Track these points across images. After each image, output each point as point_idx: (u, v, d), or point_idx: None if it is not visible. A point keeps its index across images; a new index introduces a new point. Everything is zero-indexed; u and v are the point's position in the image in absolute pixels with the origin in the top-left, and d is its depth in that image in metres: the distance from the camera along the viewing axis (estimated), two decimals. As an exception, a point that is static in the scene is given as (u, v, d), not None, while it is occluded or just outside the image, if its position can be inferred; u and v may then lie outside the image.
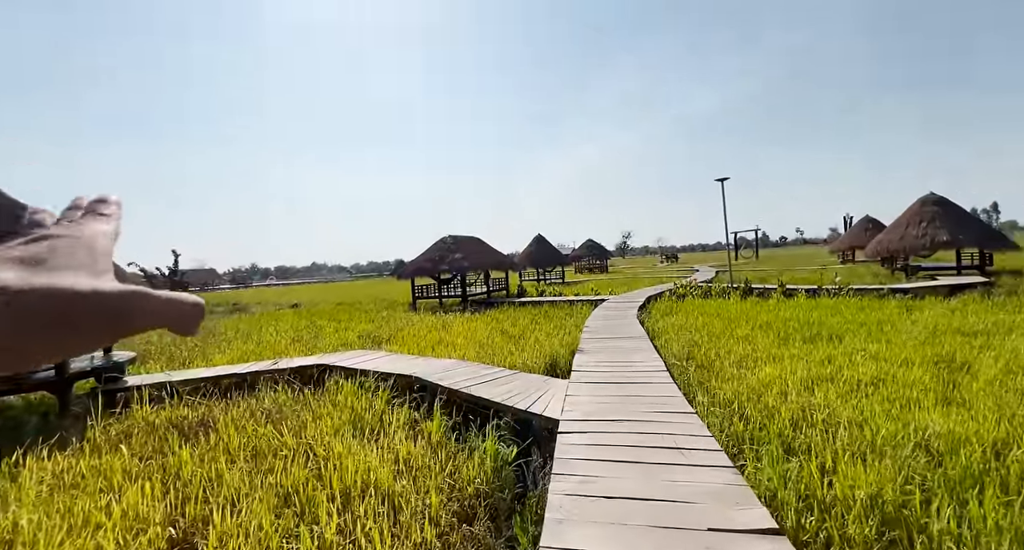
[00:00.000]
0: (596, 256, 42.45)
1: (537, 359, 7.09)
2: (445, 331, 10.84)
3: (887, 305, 10.19)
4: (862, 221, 29.42)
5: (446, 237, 18.10)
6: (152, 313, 0.32)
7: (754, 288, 14.90)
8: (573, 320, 11.30)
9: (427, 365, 6.49)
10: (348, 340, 10.38)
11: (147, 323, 0.32)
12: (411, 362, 6.81)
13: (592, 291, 17.81)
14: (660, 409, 3.91)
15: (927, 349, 6.17)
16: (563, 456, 3.05)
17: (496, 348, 8.33)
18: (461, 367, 6.31)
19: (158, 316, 0.33)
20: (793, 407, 4.27)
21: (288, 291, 48.47)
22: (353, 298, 26.22)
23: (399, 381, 6.03)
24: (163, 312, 0.33)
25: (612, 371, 5.40)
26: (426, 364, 6.58)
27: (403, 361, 6.93)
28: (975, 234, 14.98)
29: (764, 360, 6.35)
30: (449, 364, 6.54)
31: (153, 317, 0.32)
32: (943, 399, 4.34)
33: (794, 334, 7.94)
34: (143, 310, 0.32)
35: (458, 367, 6.31)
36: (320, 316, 16.30)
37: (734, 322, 9.55)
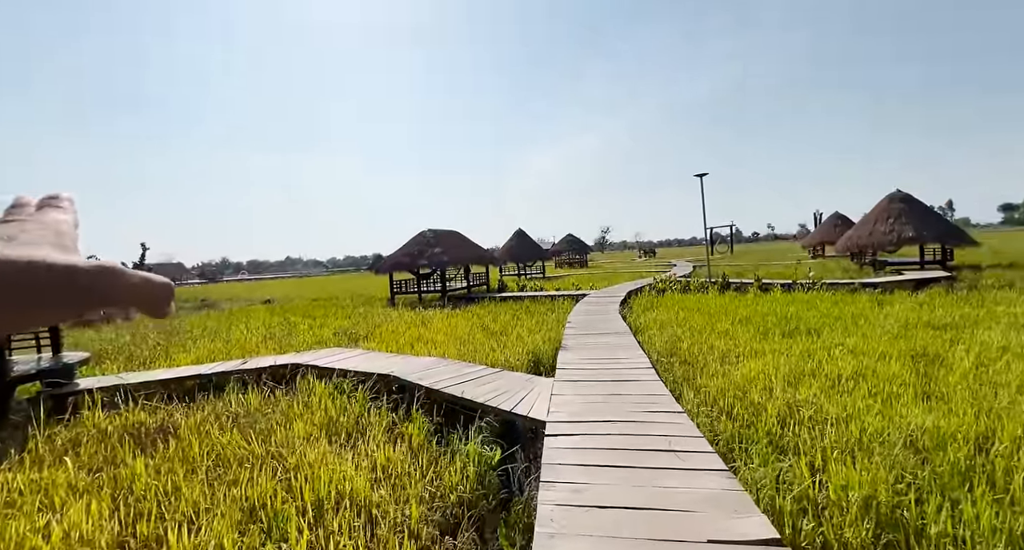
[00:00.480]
0: (576, 251, 42.61)
1: (520, 356, 6.94)
2: (425, 327, 10.58)
3: (859, 299, 10.46)
4: (831, 217, 30.41)
5: (425, 231, 17.72)
6: (124, 289, 0.33)
7: (731, 283, 15.12)
8: (555, 315, 11.21)
9: (406, 364, 6.25)
10: (323, 338, 10.00)
11: (119, 298, 0.33)
12: (389, 361, 6.55)
13: (573, 286, 17.79)
14: (648, 408, 3.81)
15: (901, 343, 6.30)
16: (551, 461, 2.90)
17: (477, 345, 8.14)
18: (442, 365, 6.10)
19: (130, 293, 0.33)
20: (779, 404, 4.24)
21: (260, 286, 46.94)
22: (329, 294, 25.53)
23: (377, 381, 5.77)
24: (135, 289, 0.34)
25: (597, 368, 5.29)
26: (405, 363, 6.34)
27: (381, 360, 6.67)
28: (938, 230, 15.60)
29: (746, 355, 6.37)
30: (429, 362, 6.32)
31: (125, 293, 0.33)
32: (922, 393, 4.39)
33: (773, 328, 8.04)
34: (115, 286, 0.32)
35: (439, 366, 6.09)
36: (294, 313, 15.73)
37: (714, 317, 9.62)
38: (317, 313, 15.01)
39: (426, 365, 6.13)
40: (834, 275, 15.48)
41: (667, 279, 16.96)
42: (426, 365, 6.13)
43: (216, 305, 23.37)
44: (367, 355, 7.13)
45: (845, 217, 29.64)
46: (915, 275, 13.36)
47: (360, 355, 7.14)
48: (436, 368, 5.94)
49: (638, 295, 14.36)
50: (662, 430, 3.31)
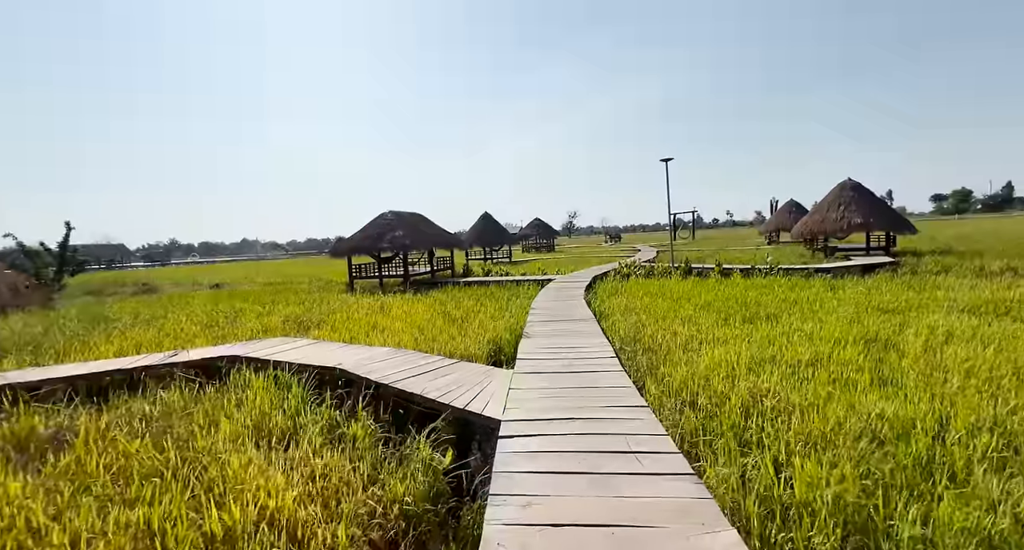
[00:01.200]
0: (543, 235, 42.50)
1: (481, 345, 6.61)
2: (383, 314, 10.05)
3: (814, 285, 10.77)
4: (787, 205, 31.62)
5: (386, 213, 16.89)
6: None
7: (693, 268, 15.34)
8: (519, 301, 10.94)
9: (357, 355, 5.79)
10: (271, 326, 9.29)
11: None
12: (339, 351, 6.06)
13: (539, 271, 17.59)
14: (611, 403, 3.58)
15: (854, 328, 6.43)
16: (503, 469, 2.60)
17: (437, 333, 7.75)
18: (396, 356, 5.68)
19: None
20: (742, 393, 4.13)
21: (211, 270, 44.18)
22: (285, 278, 24.21)
23: (322, 375, 5.31)
24: None
25: (559, 358, 5.04)
26: (356, 354, 5.87)
27: (329, 350, 6.17)
28: (885, 218, 16.39)
29: (709, 342, 6.31)
30: (382, 353, 5.88)
31: None
32: (878, 379, 4.41)
33: (734, 314, 8.08)
34: None
35: (392, 356, 5.67)
36: (243, 298, 14.70)
37: (678, 302, 9.63)
38: (268, 299, 14.08)
39: (378, 356, 5.69)
40: (790, 260, 16.01)
41: (632, 264, 17.03)
42: (378, 356, 5.69)
43: (158, 290, 21.64)
44: (315, 345, 6.59)
45: (799, 204, 30.90)
46: (863, 261, 13.99)
47: (308, 345, 6.59)
48: (390, 359, 5.52)
49: (603, 280, 14.31)
50: (625, 428, 3.08)
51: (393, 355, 5.76)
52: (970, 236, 24.28)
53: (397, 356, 5.70)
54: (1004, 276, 10.45)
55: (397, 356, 5.70)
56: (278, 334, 8.38)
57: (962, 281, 9.99)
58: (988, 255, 13.62)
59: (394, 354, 5.83)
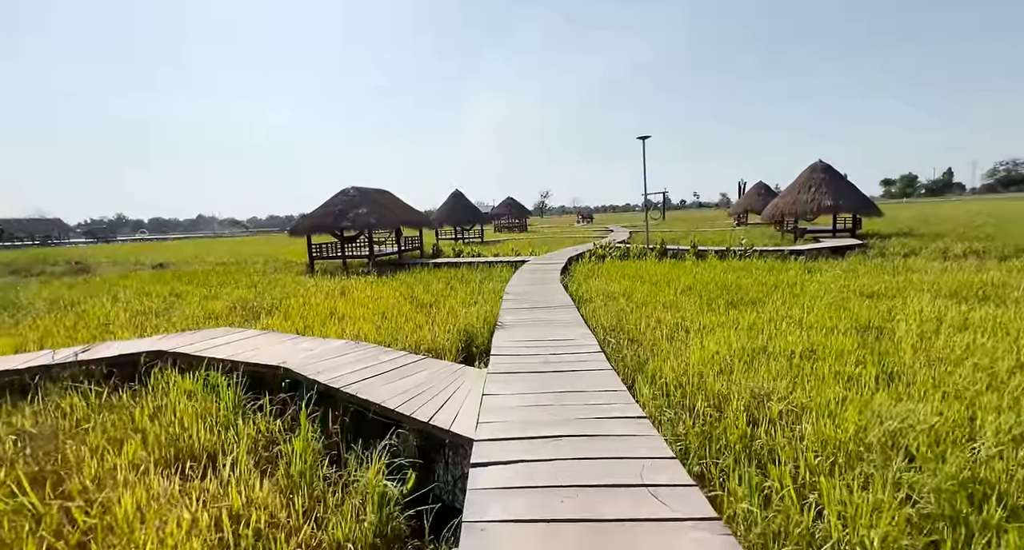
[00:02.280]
0: (516, 215, 41.69)
1: (451, 336, 5.97)
2: (343, 299, 9.20)
3: (791, 267, 10.65)
4: (755, 186, 32.04)
5: (348, 188, 15.67)
6: None
7: (668, 249, 15.11)
8: (492, 284, 10.30)
9: (307, 349, 5.02)
10: (214, 312, 8.30)
11: None
12: (287, 345, 5.28)
13: (512, 252, 16.96)
14: (602, 413, 3.04)
15: (842, 315, 6.17)
16: (475, 517, 2.00)
17: (403, 321, 7.04)
18: (353, 351, 4.96)
19: None
20: (743, 393, 3.69)
21: (160, 248, 41.05)
22: (240, 257, 22.56)
23: (263, 375, 4.54)
24: None
25: (538, 354, 4.47)
26: (306, 348, 5.11)
27: (277, 343, 5.37)
28: (853, 200, 16.60)
29: (695, 331, 5.92)
30: (337, 347, 5.15)
31: None
32: (883, 374, 4.07)
33: (717, 298, 7.76)
34: None
35: (349, 351, 4.95)
36: (187, 280, 13.38)
37: (658, 286, 9.26)
38: (215, 281, 12.85)
39: (332, 351, 4.95)
40: (762, 242, 16.03)
41: (607, 245, 16.65)
42: (332, 351, 4.95)
43: (94, 269, 19.64)
44: (263, 337, 5.76)
45: (768, 186, 31.37)
46: (834, 243, 14.10)
47: (252, 337, 5.76)
48: (345, 355, 4.80)
49: (579, 262, 13.84)
50: (624, 448, 2.54)
51: (350, 350, 5.03)
52: (927, 218, 25.30)
53: (354, 351, 4.98)
54: (968, 259, 10.65)
55: (354, 351, 4.98)
56: (221, 323, 7.44)
57: (931, 264, 10.08)
58: (947, 238, 13.98)
59: (351, 348, 5.10)
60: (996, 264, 9.63)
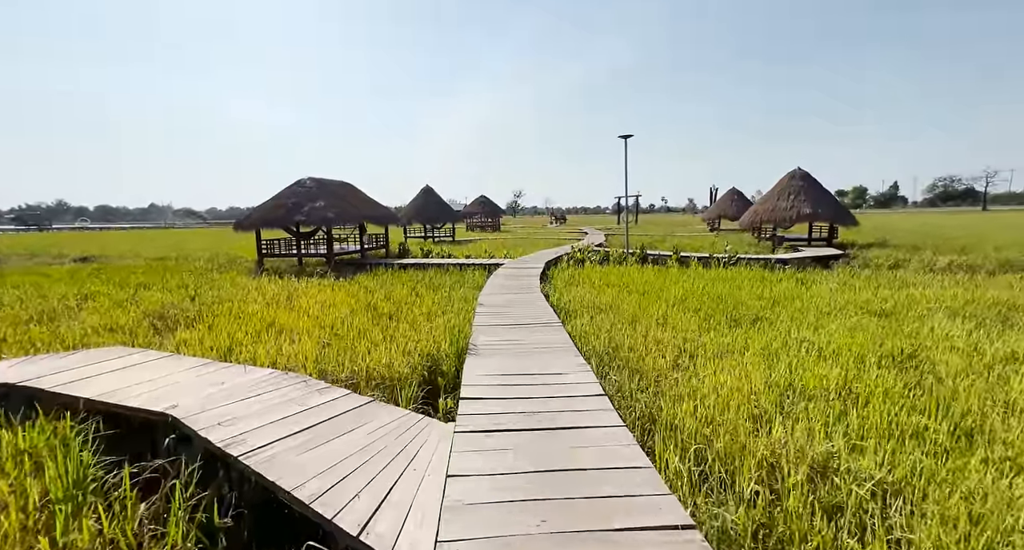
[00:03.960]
0: (489, 214, 40.52)
1: (411, 359, 4.84)
2: (287, 307, 7.85)
3: (781, 278, 10.09)
4: (728, 192, 32.21)
5: (305, 179, 14.11)
6: None
7: (649, 254, 14.44)
8: (463, 290, 9.19)
9: (217, 383, 3.77)
10: (121, 324, 6.79)
11: None
12: (194, 375, 3.99)
13: (486, 253, 15.86)
14: (627, 508, 2.03)
15: (862, 339, 5.45)
16: None
17: (356, 337, 5.84)
18: (280, 386, 3.75)
19: None
20: (799, 463, 2.78)
21: (95, 237, 37.38)
22: (184, 252, 20.39)
23: (144, 424, 3.28)
24: None
25: (523, 397, 3.42)
26: (218, 381, 3.85)
27: (179, 373, 4.07)
28: (831, 209, 16.48)
29: (702, 356, 5.04)
30: (259, 380, 3.92)
31: None
32: (957, 430, 3.26)
33: (715, 314, 6.96)
34: None
35: (273, 388, 3.74)
36: (108, 278, 11.53)
37: (645, 297, 8.42)
38: (142, 280, 11.10)
39: (250, 386, 3.72)
40: (743, 250, 15.62)
41: (585, 249, 15.83)
42: (250, 386, 3.72)
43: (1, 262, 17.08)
44: (165, 362, 4.42)
45: (741, 193, 31.58)
46: (816, 252, 13.79)
47: (154, 361, 4.42)
48: (266, 394, 3.59)
49: (557, 266, 12.92)
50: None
51: (275, 384, 3.82)
52: (892, 229, 25.92)
53: (281, 386, 3.77)
54: (958, 273, 10.41)
55: (281, 386, 3.77)
56: (119, 338, 5.98)
57: (923, 278, 9.74)
58: (926, 250, 13.93)
59: (277, 382, 3.88)
60: (988, 278, 9.35)
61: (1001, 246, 13.99)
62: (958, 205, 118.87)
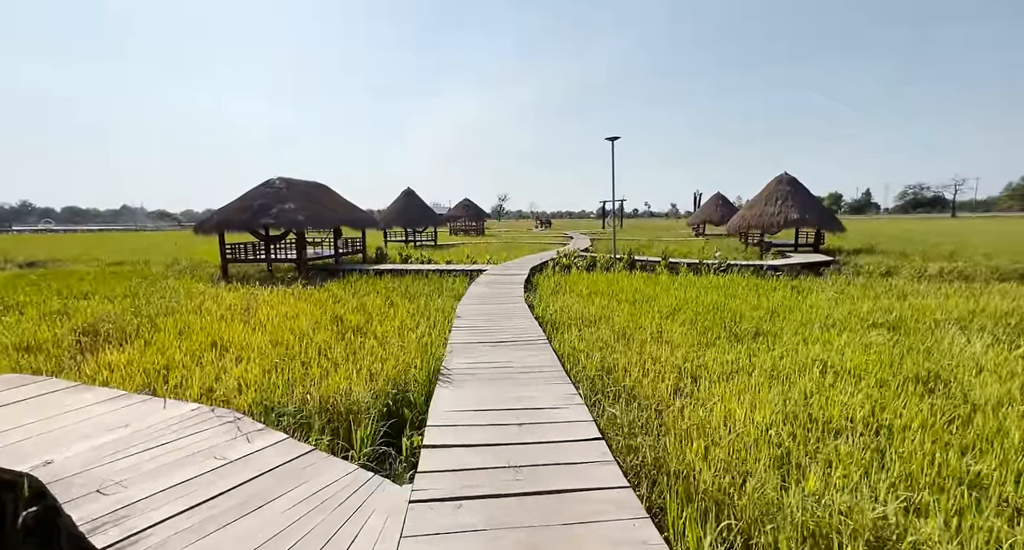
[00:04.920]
0: (473, 217, 39.79)
1: (374, 387, 4.14)
2: (244, 319, 7.04)
3: (775, 286, 9.67)
4: (713, 198, 32.23)
5: (274, 179, 13.21)
6: None
7: (637, 260, 13.98)
8: (442, 300, 8.49)
9: (120, 425, 3.00)
10: (41, 341, 5.89)
11: None
12: (96, 412, 3.22)
13: (468, 259, 15.16)
14: None
15: (875, 356, 4.97)
16: None
17: (314, 356, 5.13)
18: (199, 429, 3.02)
19: None
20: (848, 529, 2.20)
21: (54, 241, 35.27)
22: (144, 256, 19.13)
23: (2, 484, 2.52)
24: None
25: (504, 442, 2.77)
26: (122, 421, 3.08)
27: (75, 411, 3.29)
28: (818, 215, 16.31)
29: (704, 377, 4.48)
30: (179, 419, 3.17)
31: None
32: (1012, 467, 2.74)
33: (712, 327, 6.43)
34: None
35: (191, 430, 3.00)
36: (48, 285, 10.45)
37: (637, 307, 7.87)
38: (87, 288, 10.07)
39: (162, 432, 2.97)
40: (731, 256, 15.29)
41: (571, 254, 15.29)
42: (162, 432, 2.97)
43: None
44: (61, 396, 3.62)
45: (725, 198, 31.63)
46: (806, 258, 13.51)
47: (49, 394, 3.61)
48: (178, 442, 2.85)
49: (542, 272, 12.33)
50: None
51: (195, 426, 3.08)
52: (872, 234, 26.19)
53: (200, 430, 3.03)
54: (953, 281, 10.17)
55: (200, 430, 3.03)
56: (36, 358, 5.11)
57: (920, 286, 9.44)
58: (914, 257, 13.80)
59: (199, 422, 3.14)
60: (985, 286, 9.10)
61: (991, 253, 13.95)
62: (928, 212, 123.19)
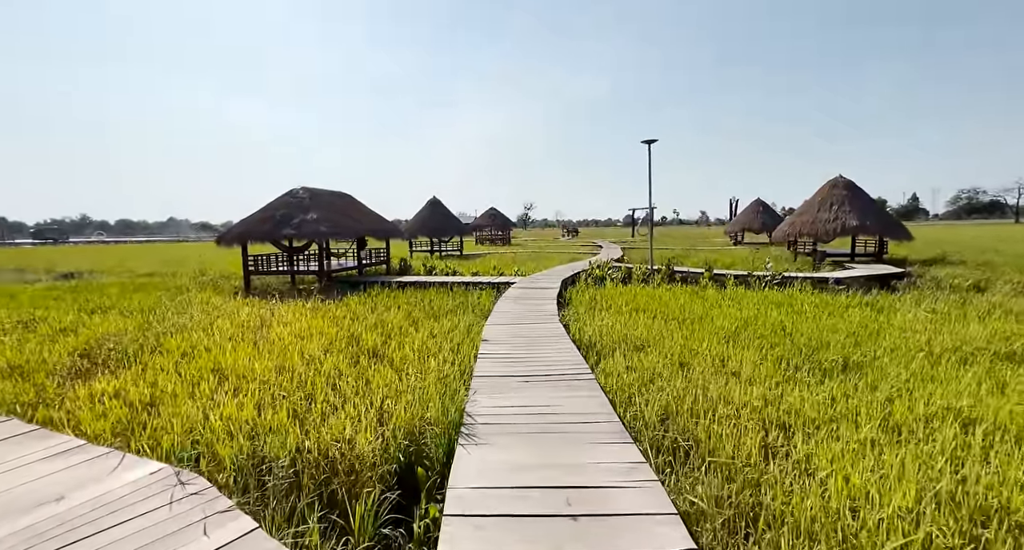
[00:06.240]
0: (499, 226, 39.24)
1: (383, 430, 3.39)
2: (253, 340, 6.48)
3: (846, 303, 8.44)
4: (753, 204, 30.48)
5: (297, 189, 12.94)
6: None
7: (677, 272, 12.87)
8: (467, 318, 7.74)
9: (46, 501, 2.33)
10: (34, 364, 5.46)
11: None
12: (26, 479, 2.57)
13: (495, 270, 14.42)
14: None
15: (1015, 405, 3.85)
16: None
17: (320, 387, 4.43)
18: (150, 507, 2.32)
19: None
20: None
21: (101, 252, 36.94)
22: (177, 267, 19.38)
23: None
24: None
25: (544, 537, 1.91)
26: (56, 489, 2.42)
27: (7, 473, 2.66)
28: (881, 221, 14.77)
29: (798, 428, 3.50)
30: (127, 486, 2.49)
31: None
32: None
33: (787, 355, 5.39)
34: None
35: (139, 509, 2.30)
36: (73, 299, 10.34)
37: (687, 326, 6.88)
38: (107, 301, 9.88)
39: (96, 510, 2.29)
40: (782, 267, 13.94)
41: (604, 265, 14.32)
42: (96, 510, 2.29)
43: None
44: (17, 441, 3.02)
45: (767, 204, 29.85)
46: (874, 270, 12.05)
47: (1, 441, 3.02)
48: (112, 528, 2.15)
49: (575, 285, 11.43)
50: None
51: (145, 502, 2.37)
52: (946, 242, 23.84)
53: (152, 507, 2.33)
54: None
55: (152, 507, 2.33)
56: (17, 384, 4.61)
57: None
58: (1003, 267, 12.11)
59: (152, 497, 2.44)
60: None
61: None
62: (985, 218, 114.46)
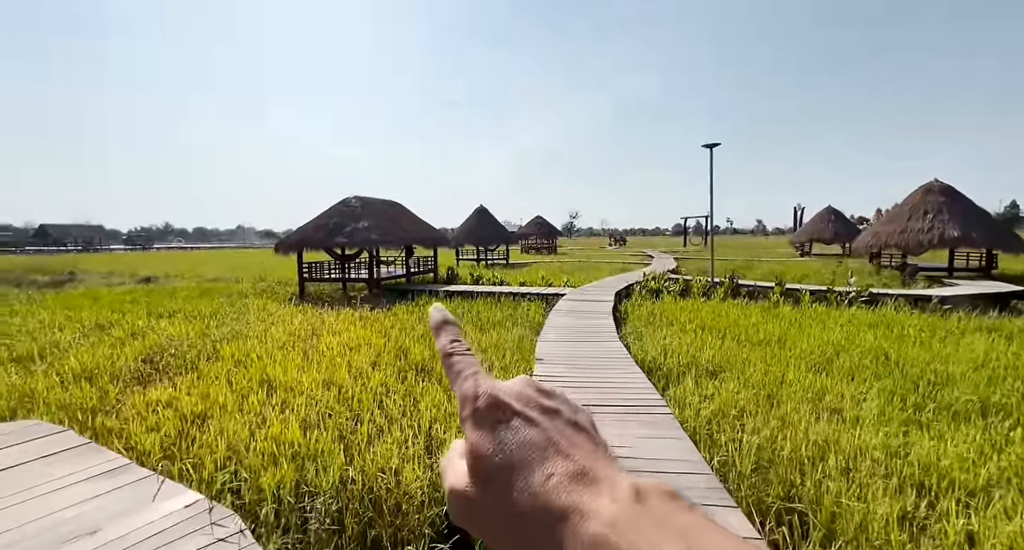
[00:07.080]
0: (545, 235, 38.75)
1: (433, 461, 3.01)
2: (303, 349, 6.41)
3: (960, 327, 7.20)
4: (823, 212, 27.98)
5: (350, 198, 13.19)
6: None
7: (742, 285, 11.80)
8: (517, 331, 7.33)
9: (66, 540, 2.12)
10: (104, 368, 5.62)
11: None
12: (51, 508, 2.41)
13: (543, 280, 13.95)
14: None
15: None
16: None
17: (367, 405, 4.17)
18: (176, 542, 2.04)
19: None
20: None
21: (178, 257, 40.29)
22: (239, 273, 20.50)
23: None
24: None
25: None
26: (83, 525, 2.22)
27: (33, 501, 2.51)
28: (988, 231, 12.83)
29: (946, 493, 2.74)
30: (155, 522, 2.24)
31: None
32: None
33: (900, 391, 4.50)
34: None
35: (165, 546, 2.02)
36: (148, 301, 11.02)
37: (768, 348, 6.07)
38: (175, 305, 10.40)
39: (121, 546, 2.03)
40: (866, 282, 12.43)
41: (660, 276, 13.46)
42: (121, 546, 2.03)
43: (74, 280, 17.86)
44: (65, 456, 2.92)
45: (839, 212, 27.30)
46: (985, 287, 10.37)
47: (28, 463, 2.93)
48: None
49: (629, 298, 10.73)
50: None
51: (170, 543, 2.10)
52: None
53: (179, 548, 2.04)
54: None
55: (179, 548, 2.04)
56: (84, 390, 4.70)
57: None
58: None
59: (182, 534, 2.17)
60: None
61: None
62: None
